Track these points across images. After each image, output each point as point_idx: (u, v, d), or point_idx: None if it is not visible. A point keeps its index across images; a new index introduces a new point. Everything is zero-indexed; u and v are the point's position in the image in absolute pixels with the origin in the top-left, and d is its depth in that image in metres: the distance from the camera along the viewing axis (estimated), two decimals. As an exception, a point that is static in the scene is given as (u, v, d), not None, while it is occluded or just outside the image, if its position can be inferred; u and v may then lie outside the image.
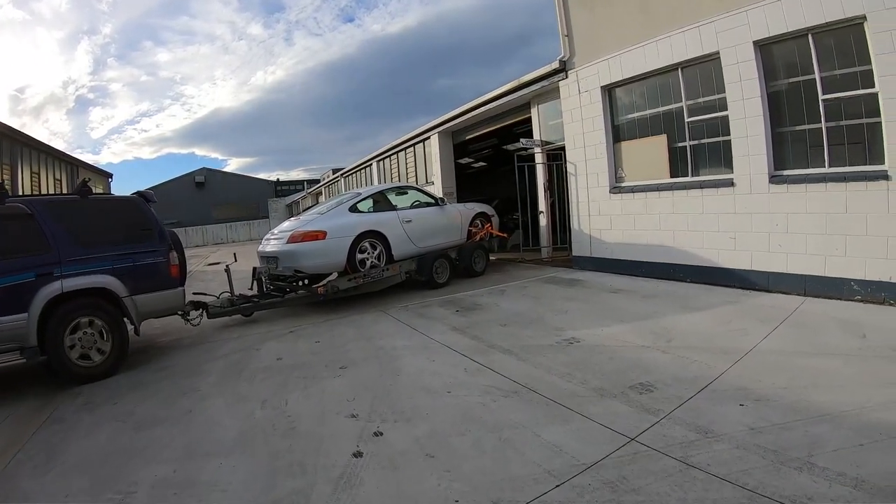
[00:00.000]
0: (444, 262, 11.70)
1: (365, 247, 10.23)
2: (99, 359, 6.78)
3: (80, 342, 6.63)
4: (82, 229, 6.97)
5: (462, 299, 9.83)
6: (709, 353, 5.75)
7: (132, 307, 7.14)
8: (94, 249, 6.94)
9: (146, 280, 7.34)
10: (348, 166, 33.72)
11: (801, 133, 8.10)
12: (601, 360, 5.81)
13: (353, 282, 9.94)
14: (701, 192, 9.39)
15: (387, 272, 10.52)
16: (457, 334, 7.34)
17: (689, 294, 8.73)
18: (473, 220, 13.01)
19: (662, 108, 10.17)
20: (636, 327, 6.97)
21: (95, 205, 7.51)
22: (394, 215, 11.06)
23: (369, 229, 10.38)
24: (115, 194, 8.11)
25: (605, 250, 11.51)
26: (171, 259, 7.67)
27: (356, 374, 6.06)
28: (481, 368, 5.84)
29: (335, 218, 10.31)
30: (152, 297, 7.41)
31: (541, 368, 5.67)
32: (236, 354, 7.40)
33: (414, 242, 11.15)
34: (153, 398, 5.88)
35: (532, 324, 7.59)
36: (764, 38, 8.17)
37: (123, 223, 7.47)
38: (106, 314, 6.93)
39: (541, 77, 12.89)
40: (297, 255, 9.65)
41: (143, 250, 7.40)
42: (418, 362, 6.27)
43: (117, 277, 7.02)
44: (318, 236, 9.72)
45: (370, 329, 8.16)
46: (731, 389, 4.76)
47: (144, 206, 7.75)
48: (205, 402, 5.65)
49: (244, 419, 5.07)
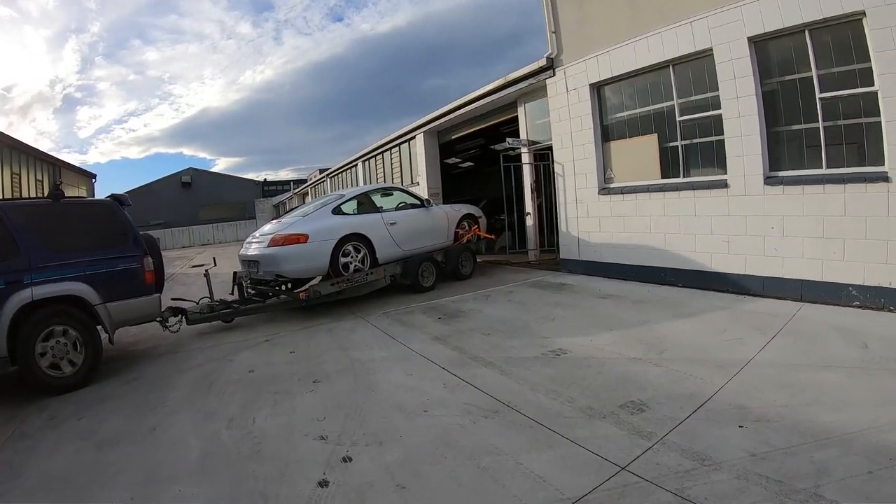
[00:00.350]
0: (430, 266, 11.49)
1: (348, 250, 10.01)
2: (71, 369, 6.56)
3: (52, 352, 6.41)
4: (54, 234, 6.78)
5: (445, 305, 9.50)
6: (704, 365, 5.42)
7: (105, 315, 6.92)
8: (66, 255, 6.73)
9: (119, 287, 7.13)
10: (334, 166, 33.34)
11: (797, 133, 7.84)
12: (589, 374, 5.46)
13: (336, 286, 9.68)
14: (693, 193, 9.10)
15: (371, 276, 10.26)
16: (437, 344, 7.00)
17: (682, 299, 8.42)
18: (460, 221, 12.78)
19: (653, 106, 9.87)
20: (627, 336, 6.64)
21: (68, 209, 7.27)
22: (378, 217, 10.81)
23: (353, 232, 10.14)
24: (89, 198, 7.74)
25: (594, 253, 11.20)
26: (146, 265, 7.44)
27: (329, 388, 5.72)
28: (461, 384, 5.49)
29: (317, 220, 10.06)
30: (126, 304, 7.20)
31: (525, 384, 5.32)
32: (209, 365, 7.08)
33: (399, 245, 10.92)
34: (119, 413, 5.60)
35: (517, 333, 7.25)
36: (759, 35, 7.89)
37: (97, 228, 7.26)
38: (78, 323, 6.70)
39: (527, 75, 12.56)
40: (278, 259, 9.41)
41: (117, 256, 7.18)
42: (395, 376, 5.92)
43: (90, 284, 6.81)
44: (299, 239, 9.48)
45: (348, 338, 7.82)
46: (729, 408, 4.42)
47: (118, 209, 7.51)
48: (171, 418, 5.33)
49: (209, 439, 4.77)
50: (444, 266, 11.87)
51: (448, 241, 12.32)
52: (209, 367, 6.99)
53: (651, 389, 4.93)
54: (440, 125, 17.84)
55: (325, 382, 5.91)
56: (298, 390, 5.74)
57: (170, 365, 7.31)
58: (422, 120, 18.40)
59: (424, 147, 18.85)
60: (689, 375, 5.19)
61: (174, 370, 7.03)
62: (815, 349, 5.70)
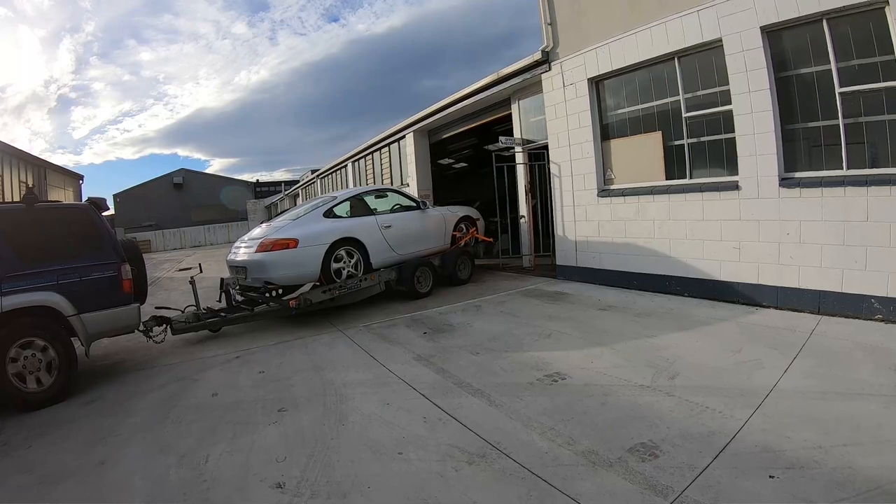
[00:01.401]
0: (427, 271, 11.05)
1: (341, 255, 9.60)
2: (44, 384, 6.23)
3: (23, 366, 6.10)
4: (26, 241, 6.45)
5: (431, 317, 8.82)
6: (721, 395, 4.75)
7: (80, 327, 6.57)
8: (39, 264, 6.39)
9: (95, 297, 6.75)
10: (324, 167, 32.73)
11: (814, 130, 7.30)
12: (592, 406, 4.77)
13: (328, 294, 9.23)
14: (701, 195, 8.48)
15: (364, 282, 9.85)
16: (420, 366, 6.30)
17: (689, 312, 7.80)
18: (457, 224, 12.45)
19: (657, 102, 9.24)
20: (632, 358, 5.96)
21: (41, 214, 6.87)
22: (372, 220, 10.40)
23: (345, 236, 9.73)
24: (64, 202, 7.26)
25: (593, 260, 10.57)
26: (123, 273, 7.04)
27: (295, 420, 5.04)
28: (444, 417, 4.79)
29: (308, 224, 9.63)
30: (103, 315, 6.81)
31: (517, 419, 4.62)
32: (172, 385, 6.48)
33: (394, 249, 10.55)
34: (69, 442, 5.06)
35: (509, 352, 6.55)
36: (773, 24, 7.33)
37: (72, 234, 6.88)
38: (52, 335, 6.35)
39: (521, 70, 11.93)
40: (266, 265, 8.95)
41: (93, 263, 6.80)
42: (370, 405, 5.22)
43: (63, 294, 6.46)
44: (289, 244, 9.02)
45: (324, 356, 7.15)
46: (755, 451, 3.77)
47: (95, 214, 7.15)
48: (122, 451, 4.75)
49: (157, 480, 4.20)
50: (441, 270, 11.47)
51: (445, 245, 11.99)
52: (172, 388, 6.40)
53: (664, 427, 4.25)
54: (431, 124, 17.22)
55: (292, 411, 5.25)
56: (261, 420, 5.11)
57: (132, 384, 6.70)
58: (412, 118, 17.76)
59: (415, 147, 18.24)
60: (705, 408, 4.52)
61: (135, 390, 6.42)
62: (843, 373, 5.05)
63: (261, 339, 8.40)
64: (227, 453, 4.44)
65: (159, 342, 8.21)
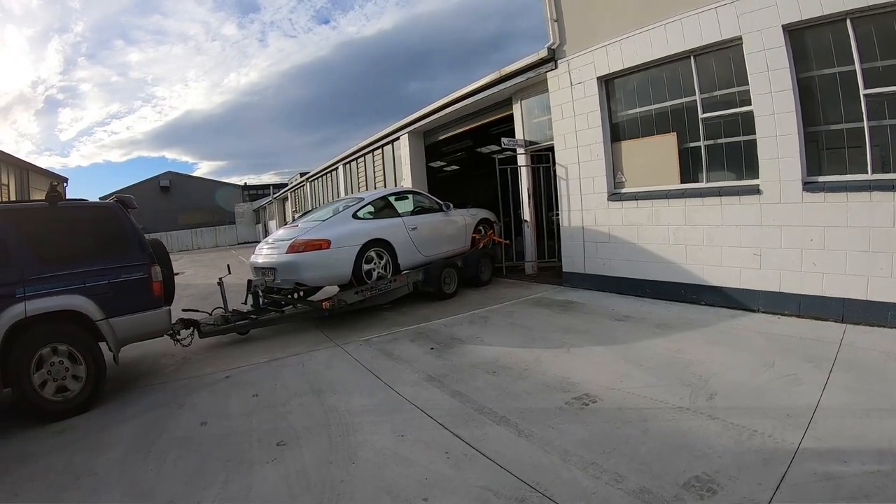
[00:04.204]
0: (452, 272, 11.18)
1: (371, 256, 9.59)
2: (71, 393, 5.92)
3: (49, 374, 5.80)
4: (50, 242, 6.18)
5: (437, 331, 8.26)
6: (766, 416, 4.35)
7: (109, 332, 6.27)
8: (65, 265, 6.10)
9: (124, 300, 6.47)
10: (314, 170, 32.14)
11: (837, 133, 7.02)
12: (632, 434, 4.26)
13: (360, 294, 9.20)
14: (720, 200, 8.10)
15: (394, 283, 9.87)
16: (433, 388, 5.71)
17: (710, 322, 7.43)
18: (477, 226, 12.54)
19: (671, 102, 8.84)
20: (663, 375, 5.49)
21: (66, 213, 6.62)
22: (399, 222, 10.41)
23: (375, 237, 9.69)
24: (90, 201, 6.74)
25: (603, 267, 10.13)
26: (154, 275, 6.78)
27: (297, 457, 4.37)
28: (469, 452, 4.19)
29: (339, 225, 9.59)
30: (132, 319, 6.52)
31: (552, 452, 4.06)
32: (154, 412, 5.79)
33: (420, 251, 10.59)
34: (38, 481, 4.38)
35: (528, 371, 6.01)
36: (795, 23, 7.03)
37: (98, 234, 6.63)
38: (78, 341, 6.06)
39: (525, 68, 11.46)
40: (298, 266, 8.86)
41: (121, 265, 6.53)
42: (383, 438, 4.59)
43: (91, 298, 6.17)
44: (321, 245, 8.97)
45: (322, 376, 6.54)
46: (815, 480, 3.40)
47: (123, 214, 6.88)
48: (97, 495, 4.08)
49: None
50: (464, 272, 11.51)
51: (465, 247, 12.09)
52: (154, 414, 5.72)
53: (714, 456, 3.78)
54: (427, 125, 16.76)
55: (293, 446, 4.59)
56: (258, 458, 4.42)
57: (109, 409, 6.01)
58: (407, 119, 17.31)
59: (409, 148, 17.78)
60: (754, 432, 4.09)
61: (113, 418, 5.73)
62: (882, 388, 4.75)
63: (251, 355, 7.80)
64: (219, 501, 3.81)
65: (186, 346, 7.94)
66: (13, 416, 5.93)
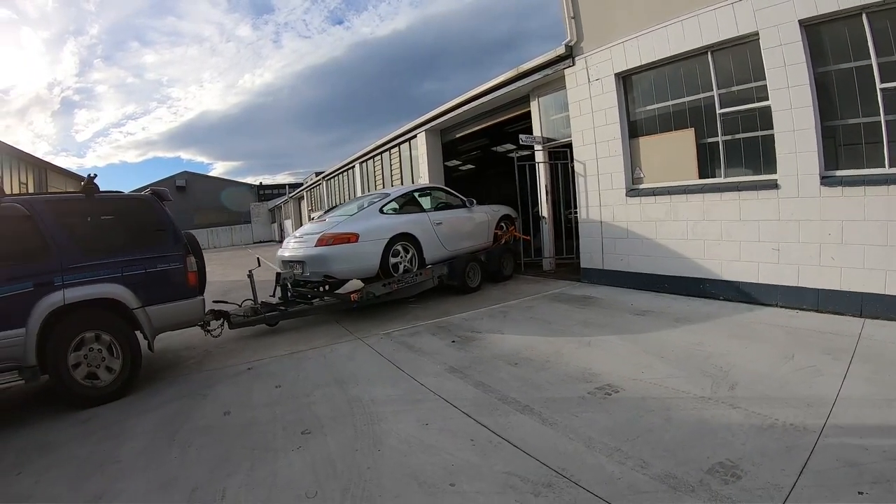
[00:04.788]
0: (476, 266, 11.35)
1: (397, 250, 9.81)
2: (108, 378, 6.12)
3: (86, 360, 5.98)
4: (88, 232, 6.40)
5: (457, 324, 8.29)
6: (787, 405, 4.37)
7: (145, 320, 6.48)
8: (102, 255, 6.28)
9: (160, 289, 6.69)
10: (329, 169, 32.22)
11: (854, 127, 6.99)
12: (655, 422, 4.29)
13: (387, 287, 9.41)
14: (738, 195, 8.07)
15: (419, 277, 10.01)
16: (455, 378, 5.75)
17: (730, 316, 7.43)
18: (499, 222, 12.70)
19: (689, 98, 8.82)
20: (684, 367, 5.50)
21: (103, 205, 6.73)
22: (424, 217, 10.63)
23: (402, 232, 9.90)
24: (126, 192, 6.85)
25: (621, 262, 10.13)
26: (189, 265, 6.98)
27: (322, 444, 4.42)
28: (495, 440, 4.23)
29: (366, 220, 9.73)
30: (167, 308, 6.74)
31: (577, 439, 4.10)
32: (177, 402, 5.85)
33: (444, 246, 10.76)
34: (61, 469, 4.42)
35: (550, 362, 6.03)
36: (811, 18, 7.00)
37: (134, 225, 6.83)
38: (115, 328, 6.25)
39: (543, 65, 11.46)
40: (327, 259, 9.07)
41: (157, 255, 6.72)
42: (407, 427, 4.63)
43: (127, 286, 6.36)
44: (349, 239, 9.17)
45: (344, 367, 6.59)
46: (837, 466, 3.42)
47: (158, 205, 7.06)
48: (121, 483, 4.09)
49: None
50: (487, 267, 11.66)
51: (488, 242, 12.24)
52: (177, 405, 5.78)
53: (738, 443, 3.81)
54: (443, 123, 16.77)
55: (318, 434, 4.64)
56: (283, 446, 4.47)
57: (132, 400, 6.09)
58: (424, 118, 17.31)
59: (426, 147, 17.76)
60: (776, 420, 4.11)
61: (136, 408, 5.79)
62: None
63: (272, 348, 7.86)
64: (245, 487, 3.83)
65: (217, 336, 8.15)
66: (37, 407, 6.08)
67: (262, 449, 4.44)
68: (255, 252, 34.10)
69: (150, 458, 4.49)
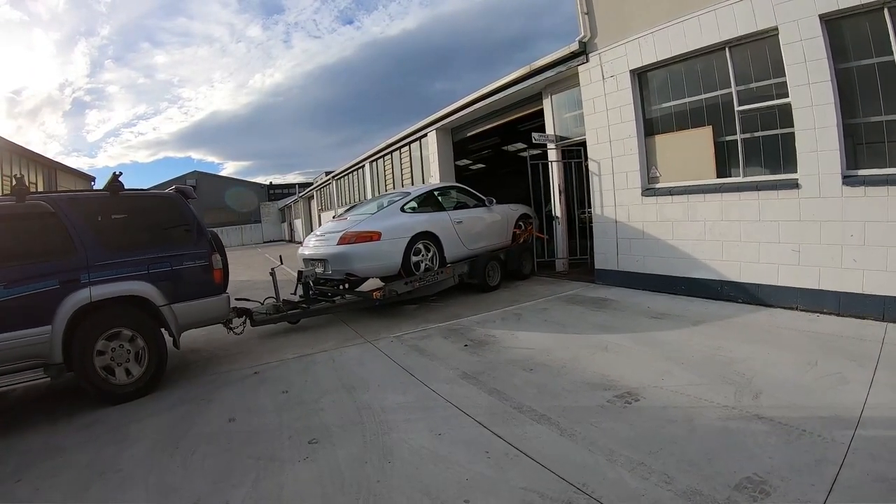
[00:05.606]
0: (496, 265, 11.44)
1: (419, 249, 9.86)
2: (134, 376, 6.15)
3: (111, 357, 6.01)
4: (113, 229, 6.45)
5: (469, 328, 8.09)
6: (814, 415, 4.20)
7: (171, 317, 6.49)
8: (127, 252, 6.30)
9: (187, 286, 6.73)
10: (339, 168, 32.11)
11: (876, 125, 6.81)
12: (678, 433, 4.10)
13: (409, 285, 9.48)
14: (757, 194, 7.88)
15: (440, 275, 10.05)
16: (468, 385, 5.55)
17: (748, 320, 7.26)
18: (517, 221, 12.74)
19: (706, 95, 8.61)
20: (705, 373, 5.30)
21: (128, 202, 6.76)
22: (445, 216, 10.69)
23: (424, 230, 9.96)
24: (151, 190, 7.23)
25: (636, 263, 9.95)
26: (214, 262, 6.99)
27: (330, 455, 4.23)
28: (511, 452, 4.03)
29: (388, 218, 9.82)
30: (194, 305, 6.77)
31: (597, 451, 3.91)
32: (181, 407, 5.70)
33: (465, 244, 10.83)
34: (62, 477, 4.27)
35: (566, 368, 5.84)
36: (832, 12, 6.81)
37: (160, 223, 6.83)
38: (141, 326, 6.27)
39: (556, 62, 11.25)
40: (349, 257, 9.17)
41: (183, 252, 6.74)
42: (419, 437, 4.44)
43: (154, 284, 6.38)
44: (372, 237, 9.24)
45: (353, 372, 6.40)
46: (869, 479, 3.27)
47: (183, 203, 7.08)
48: (122, 492, 3.94)
49: None
50: (506, 265, 11.76)
51: (507, 241, 12.29)
52: (182, 409, 5.63)
53: (765, 457, 3.62)
54: (454, 121, 16.59)
55: (326, 444, 4.46)
56: (290, 456, 4.28)
57: (136, 403, 5.95)
58: (434, 116, 17.13)
59: (437, 145, 17.59)
60: (803, 431, 3.93)
61: (140, 412, 5.66)
62: None
63: (280, 351, 7.71)
64: (250, 501, 3.66)
65: (239, 334, 8.15)
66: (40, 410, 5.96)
67: (267, 459, 4.27)
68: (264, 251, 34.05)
69: (151, 467, 4.34)
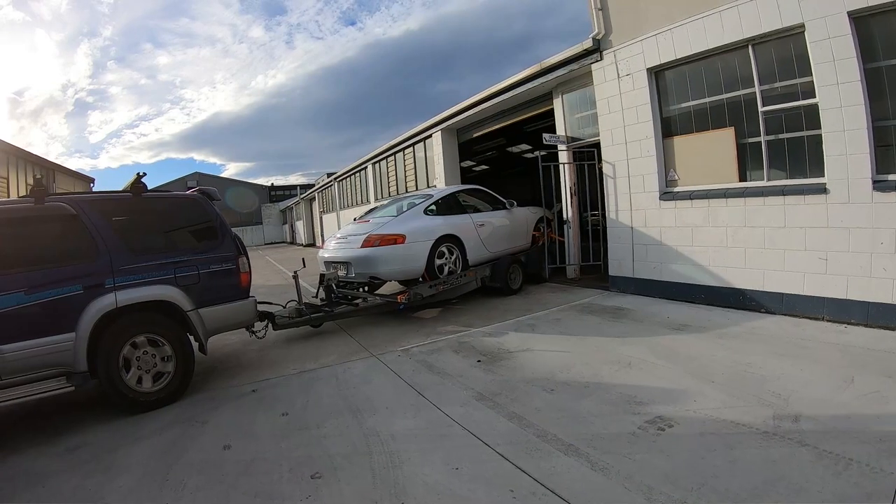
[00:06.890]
0: (517, 268, 11.40)
1: (442, 251, 9.86)
2: (161, 384, 6.04)
3: (137, 365, 5.89)
4: (138, 232, 6.29)
5: (481, 340, 7.68)
6: (859, 441, 3.86)
7: (198, 322, 6.38)
8: (153, 256, 6.19)
9: (214, 290, 6.61)
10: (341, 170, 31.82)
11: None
12: (720, 466, 3.70)
13: (433, 288, 9.41)
14: (783, 199, 7.54)
15: (463, 278, 10.05)
16: (485, 408, 5.11)
17: (774, 331, 6.94)
18: (537, 224, 12.81)
19: (727, 94, 8.27)
20: (738, 394, 4.94)
21: (152, 204, 6.68)
22: (468, 219, 10.70)
23: (447, 233, 9.95)
24: (175, 192, 7.25)
25: (653, 270, 9.59)
26: (241, 266, 6.90)
27: (335, 494, 3.76)
28: (538, 490, 3.58)
29: (412, 220, 9.82)
30: (221, 309, 6.67)
31: (634, 489, 3.49)
32: (174, 429, 5.31)
33: (486, 247, 10.87)
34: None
35: (589, 388, 5.42)
36: (861, 9, 6.52)
37: (185, 225, 6.81)
38: (168, 331, 6.15)
39: (568, 60, 10.90)
40: (373, 260, 9.18)
41: (210, 256, 6.63)
42: (434, 471, 3.96)
43: (180, 288, 6.28)
44: (396, 240, 9.24)
45: (359, 391, 5.95)
46: None
47: (208, 205, 6.97)
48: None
49: None
50: (526, 268, 11.70)
51: (527, 244, 12.34)
52: (174, 432, 5.22)
53: (814, 490, 3.29)
54: (460, 122, 16.27)
55: (330, 478, 3.99)
56: (290, 493, 3.83)
57: (128, 424, 5.54)
58: (439, 116, 16.82)
59: (442, 146, 17.31)
60: (850, 461, 3.59)
61: (128, 435, 5.26)
62: None
63: (280, 366, 7.34)
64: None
65: (261, 338, 8.09)
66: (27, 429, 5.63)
67: (265, 496, 3.84)
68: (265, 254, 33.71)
69: (138, 500, 3.96)
